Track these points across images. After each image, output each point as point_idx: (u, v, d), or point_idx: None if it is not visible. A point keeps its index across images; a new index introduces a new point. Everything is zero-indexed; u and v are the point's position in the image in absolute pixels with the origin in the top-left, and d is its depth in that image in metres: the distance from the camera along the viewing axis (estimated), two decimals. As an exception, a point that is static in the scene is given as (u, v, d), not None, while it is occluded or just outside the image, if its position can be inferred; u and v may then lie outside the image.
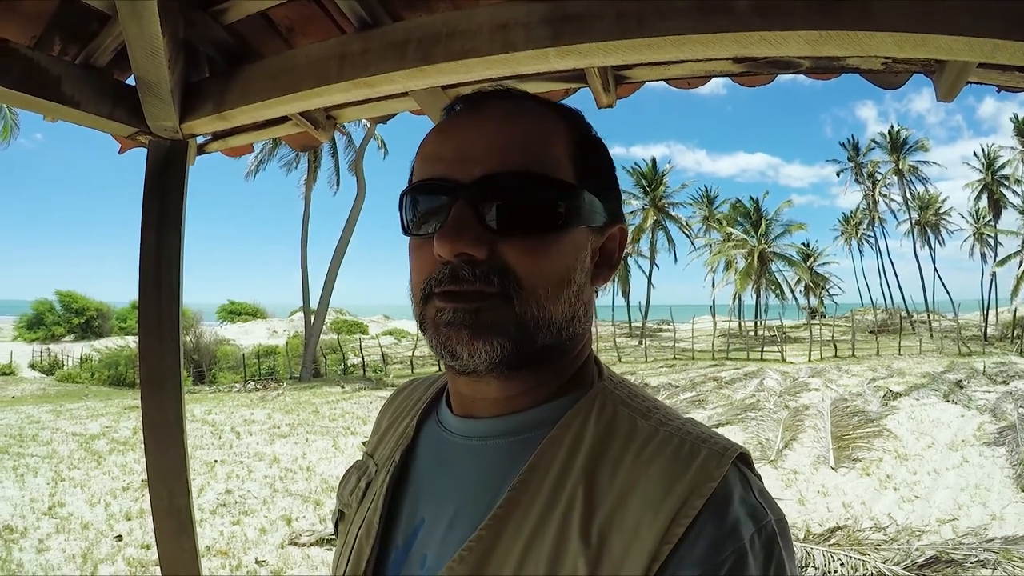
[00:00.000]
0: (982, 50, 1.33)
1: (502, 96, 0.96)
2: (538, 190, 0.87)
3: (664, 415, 0.88)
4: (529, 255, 0.86)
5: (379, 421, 1.21)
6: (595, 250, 0.94)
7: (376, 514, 0.98)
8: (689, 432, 0.84)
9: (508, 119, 0.91)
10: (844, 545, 8.91)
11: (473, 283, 0.85)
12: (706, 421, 17.68)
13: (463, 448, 0.95)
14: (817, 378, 28.58)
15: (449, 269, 0.86)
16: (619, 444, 0.84)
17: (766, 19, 1.41)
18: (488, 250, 0.85)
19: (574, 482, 0.82)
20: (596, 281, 0.95)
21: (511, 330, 0.85)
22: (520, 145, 0.88)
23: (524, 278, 0.85)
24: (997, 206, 62.97)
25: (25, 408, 24.11)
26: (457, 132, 0.92)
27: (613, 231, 0.96)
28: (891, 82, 1.78)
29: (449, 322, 0.86)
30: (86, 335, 59.75)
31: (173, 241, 2.25)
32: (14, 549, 9.59)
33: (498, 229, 0.86)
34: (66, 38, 2.06)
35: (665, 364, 40.19)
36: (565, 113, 0.97)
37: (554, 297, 0.87)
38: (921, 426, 17.55)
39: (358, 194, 40.33)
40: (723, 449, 0.81)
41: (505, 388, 0.92)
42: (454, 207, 0.86)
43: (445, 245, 0.84)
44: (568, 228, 0.88)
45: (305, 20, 2.05)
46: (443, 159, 0.90)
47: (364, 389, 30.08)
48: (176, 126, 2.19)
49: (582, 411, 0.89)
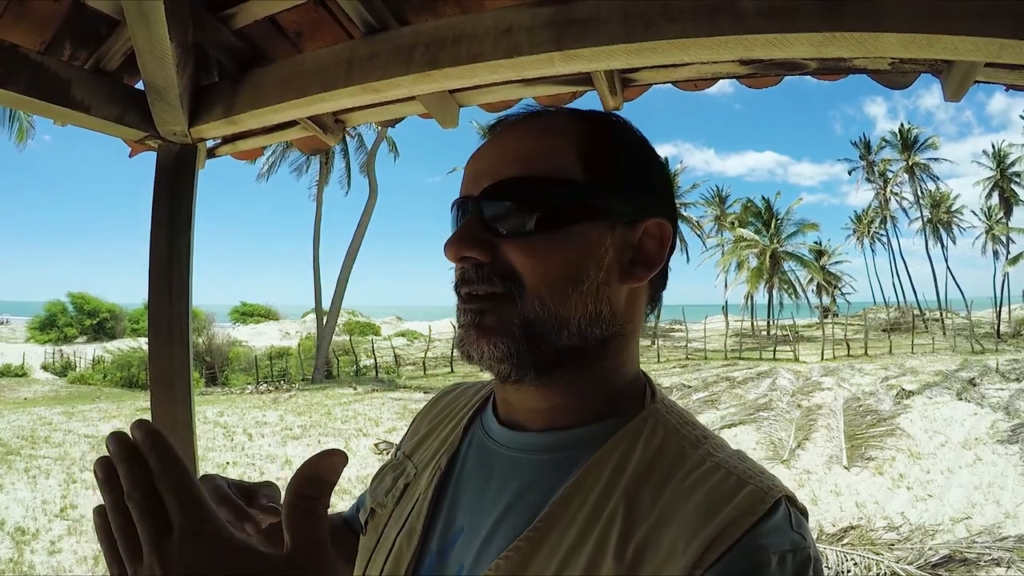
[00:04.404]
0: (989, 50, 1.33)
1: (522, 116, 0.98)
2: (536, 191, 0.89)
3: (713, 446, 0.87)
4: (530, 254, 0.88)
5: (418, 424, 1.21)
6: (625, 246, 0.92)
7: (420, 519, 0.98)
8: (736, 466, 0.83)
9: (516, 134, 0.95)
10: (857, 545, 8.88)
11: (479, 284, 0.89)
12: (719, 421, 17.76)
13: (507, 459, 0.95)
14: (830, 377, 28.46)
15: (460, 272, 0.92)
16: (665, 470, 0.83)
17: (772, 21, 1.41)
18: (492, 253, 0.89)
19: (615, 502, 0.81)
20: (631, 279, 0.93)
21: (515, 330, 0.87)
22: (523, 154, 0.91)
23: (527, 277, 0.87)
24: (1008, 203, 62.61)
25: (37, 410, 24.21)
26: (476, 156, 0.97)
27: (647, 225, 0.93)
28: (898, 82, 1.77)
29: (464, 324, 0.91)
30: (98, 337, 59.97)
31: (183, 244, 2.26)
32: (26, 551, 9.65)
33: (500, 232, 0.89)
34: (76, 43, 2.07)
35: (678, 364, 40.06)
36: (578, 115, 0.97)
37: (561, 295, 0.87)
38: (934, 424, 17.44)
39: (370, 195, 40.42)
40: (768, 488, 0.79)
41: (544, 397, 0.93)
42: (464, 217, 0.92)
43: (450, 250, 0.91)
44: (572, 225, 0.88)
45: (313, 25, 2.06)
46: (466, 181, 0.96)
47: (376, 391, 30.05)
48: (185, 130, 2.20)
49: (631, 433, 0.89)
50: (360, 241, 39.65)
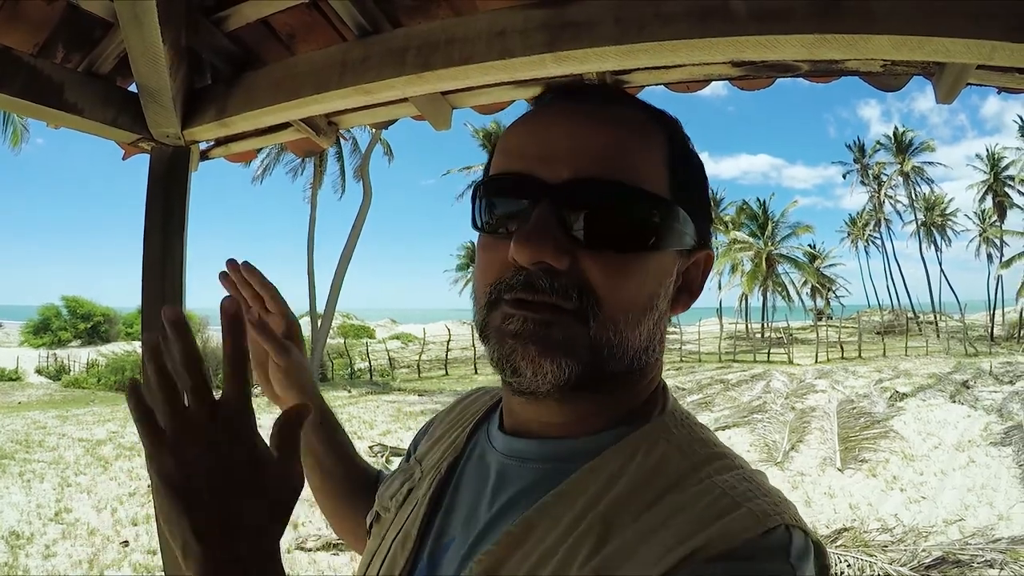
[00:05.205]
0: (981, 52, 1.33)
1: (599, 92, 0.89)
2: (632, 203, 0.80)
3: (720, 467, 0.79)
4: (615, 274, 0.79)
5: (435, 427, 1.15)
6: (680, 274, 0.87)
7: (415, 525, 0.95)
8: (735, 487, 0.74)
9: (605, 119, 0.83)
10: (851, 546, 8.88)
11: (550, 295, 0.78)
12: (713, 423, 17.71)
13: (505, 467, 0.90)
14: (823, 380, 28.48)
15: (524, 276, 0.79)
16: (658, 486, 0.76)
17: (763, 23, 1.41)
18: (570, 262, 0.78)
19: (596, 515, 0.76)
20: (676, 308, 0.89)
21: (583, 353, 0.79)
22: (616, 151, 0.81)
23: (605, 299, 0.78)
24: (1002, 207, 62.85)
25: (31, 413, 24.09)
26: (546, 127, 0.84)
27: (699, 256, 0.89)
28: (891, 84, 1.77)
29: (517, 333, 0.79)
30: (92, 340, 59.69)
31: (176, 247, 2.25)
32: (20, 555, 9.61)
33: (584, 241, 0.78)
34: (69, 45, 2.07)
35: (672, 367, 40.04)
36: (666, 120, 0.90)
37: (635, 323, 0.81)
38: (928, 427, 17.47)
39: (364, 198, 40.28)
40: (765, 514, 0.71)
41: (564, 413, 0.86)
42: (537, 209, 0.79)
43: (524, 250, 0.77)
44: (658, 249, 0.81)
45: (306, 27, 2.06)
46: (527, 155, 0.82)
47: (371, 393, 29.97)
48: (178, 132, 2.20)
49: (631, 445, 0.82)
50: (354, 244, 39.53)
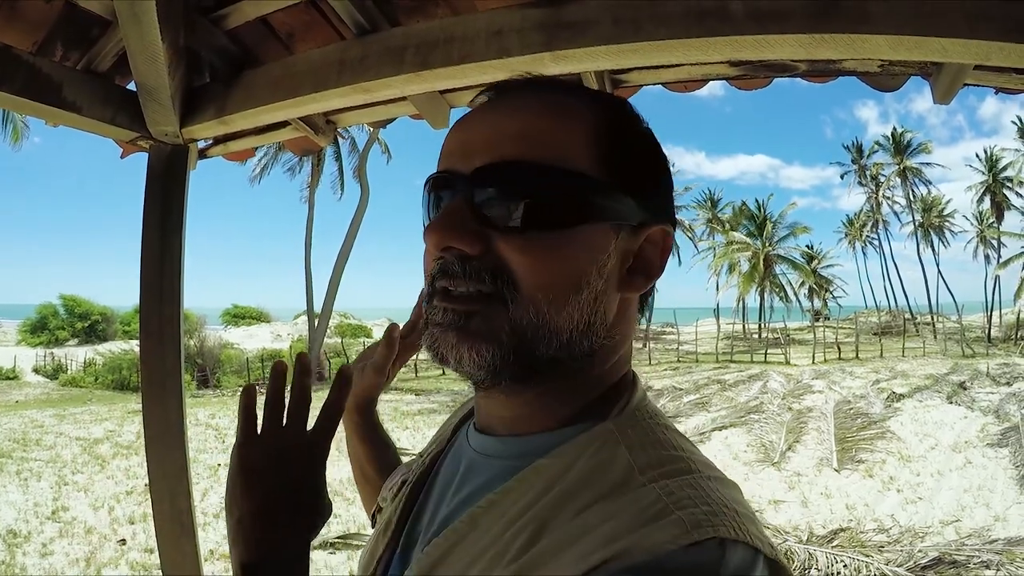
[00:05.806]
0: (978, 52, 1.34)
1: (523, 86, 0.88)
2: (543, 181, 0.78)
3: (670, 470, 0.74)
4: (529, 253, 0.78)
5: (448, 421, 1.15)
6: (627, 253, 0.84)
7: (395, 516, 0.97)
8: (673, 493, 0.69)
9: (520, 107, 0.83)
10: (847, 547, 8.91)
11: (464, 280, 0.79)
12: (710, 424, 17.76)
13: (473, 463, 0.90)
14: (821, 380, 28.47)
15: (440, 264, 0.81)
16: (599, 488, 0.73)
17: (760, 23, 1.42)
18: (483, 246, 0.78)
19: (533, 514, 0.74)
20: (628, 288, 0.85)
21: (503, 337, 0.78)
22: (528, 133, 0.80)
23: (522, 279, 0.78)
24: (1000, 208, 62.84)
25: (29, 412, 24.08)
26: (468, 124, 0.85)
27: (652, 232, 0.86)
28: (888, 84, 1.78)
29: (439, 323, 0.81)
30: (90, 339, 59.63)
31: (174, 245, 2.26)
32: (18, 553, 9.60)
33: (496, 223, 0.79)
34: (68, 44, 2.07)
35: (669, 367, 40.08)
36: (596, 99, 0.88)
37: (559, 303, 0.78)
38: (924, 428, 17.50)
39: (362, 197, 40.23)
40: (695, 524, 0.65)
41: (510, 406, 0.86)
42: (451, 199, 0.81)
43: (433, 236, 0.80)
44: (580, 225, 0.79)
45: (305, 26, 2.06)
46: (451, 153, 0.84)
47: (367, 392, 29.92)
48: (177, 131, 2.20)
49: (581, 444, 0.79)
50: (352, 243, 39.48)
